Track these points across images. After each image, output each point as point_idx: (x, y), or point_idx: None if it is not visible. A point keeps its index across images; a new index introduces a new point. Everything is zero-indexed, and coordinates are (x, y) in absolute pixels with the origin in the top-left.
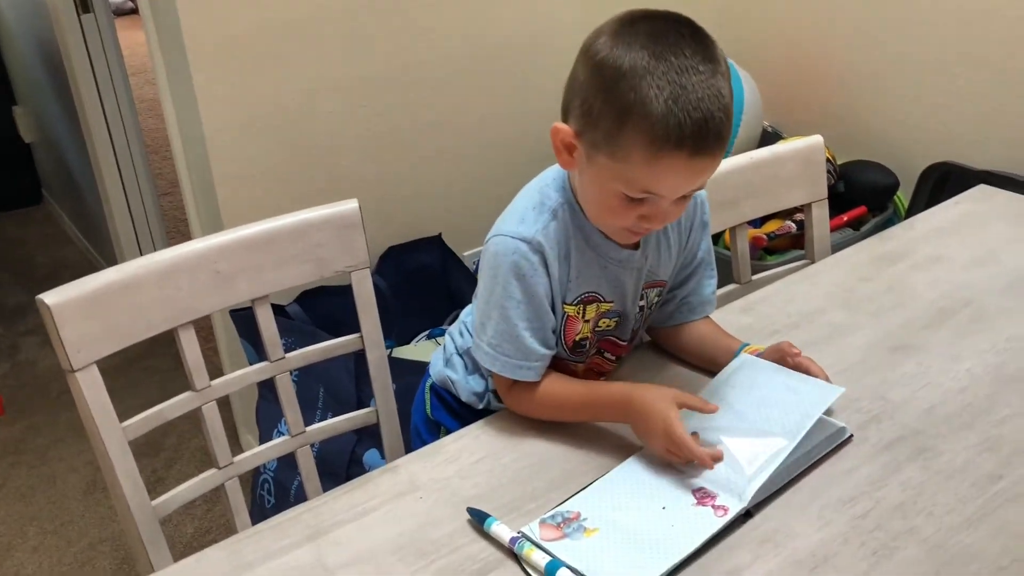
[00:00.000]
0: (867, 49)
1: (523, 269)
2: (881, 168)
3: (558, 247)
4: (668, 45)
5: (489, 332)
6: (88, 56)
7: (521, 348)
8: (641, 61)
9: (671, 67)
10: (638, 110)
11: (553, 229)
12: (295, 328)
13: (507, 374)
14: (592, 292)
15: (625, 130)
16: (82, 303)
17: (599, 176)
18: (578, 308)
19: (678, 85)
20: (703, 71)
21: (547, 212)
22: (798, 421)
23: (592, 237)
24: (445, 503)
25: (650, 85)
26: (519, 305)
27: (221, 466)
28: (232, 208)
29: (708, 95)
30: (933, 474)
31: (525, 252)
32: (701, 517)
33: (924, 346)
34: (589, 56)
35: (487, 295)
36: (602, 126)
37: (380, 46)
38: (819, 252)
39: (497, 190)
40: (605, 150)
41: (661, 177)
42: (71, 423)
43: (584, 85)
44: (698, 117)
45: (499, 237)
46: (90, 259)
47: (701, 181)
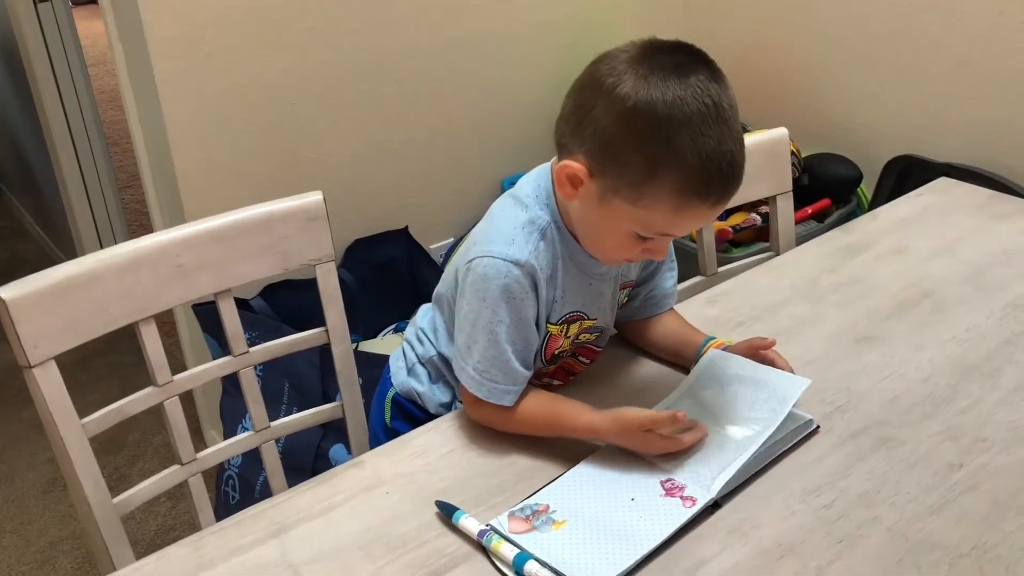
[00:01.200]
0: (831, 43)
1: (515, 293)
2: (845, 161)
3: (547, 268)
4: (700, 91)
5: (475, 356)
6: (46, 46)
7: (509, 373)
8: (675, 110)
9: (704, 117)
10: (671, 162)
11: (543, 249)
12: (259, 322)
13: (494, 400)
14: (577, 311)
15: (655, 180)
16: (39, 297)
17: (611, 216)
18: (562, 327)
19: (712, 137)
20: (729, 118)
21: (536, 232)
22: (767, 415)
23: (577, 255)
24: (412, 497)
25: (684, 138)
26: (508, 330)
27: (184, 462)
28: (194, 201)
29: (735, 147)
30: (896, 463)
31: (518, 276)
32: (669, 508)
33: (887, 337)
34: (615, 98)
35: (473, 318)
36: (628, 173)
37: (345, 38)
38: (784, 244)
39: (463, 183)
40: (627, 196)
41: (682, 223)
42: (29, 420)
43: (609, 128)
44: (728, 171)
45: (489, 259)
46: (49, 253)
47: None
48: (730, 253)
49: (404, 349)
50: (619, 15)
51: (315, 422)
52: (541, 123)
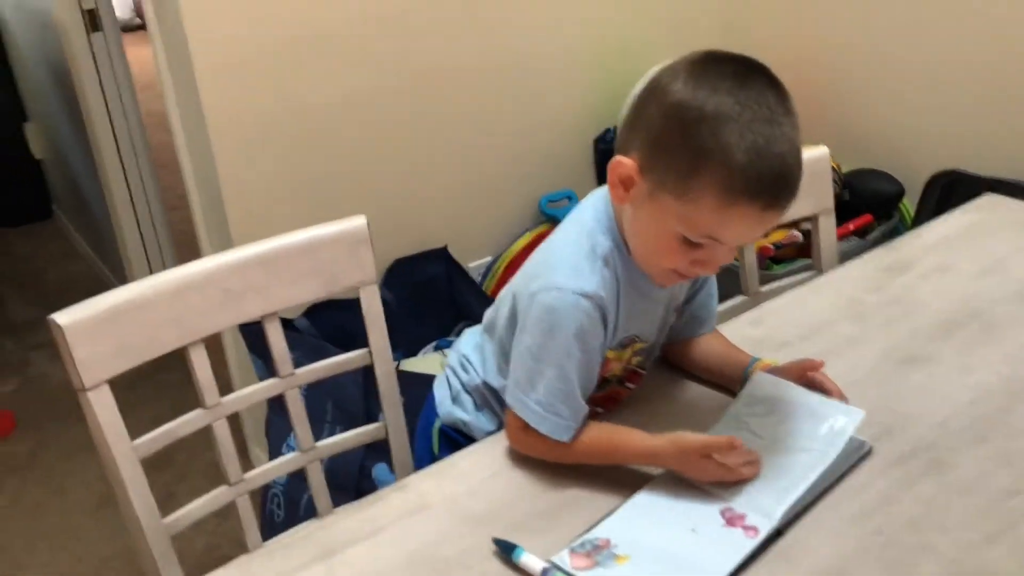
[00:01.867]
0: (870, 56)
1: (586, 327)
2: (886, 176)
3: (612, 296)
4: (753, 93)
5: (540, 390)
6: (97, 73)
7: (574, 408)
8: (724, 106)
9: (755, 116)
10: (718, 156)
11: (608, 277)
12: (303, 342)
13: (556, 435)
14: (633, 335)
15: (700, 173)
16: (93, 322)
17: (660, 215)
18: (618, 352)
19: (761, 136)
20: (784, 123)
21: (600, 260)
22: (822, 446)
23: (636, 279)
24: (457, 521)
25: (732, 132)
26: (578, 364)
27: (232, 483)
28: (240, 222)
29: (789, 149)
30: (947, 488)
31: (588, 309)
32: (732, 538)
33: (934, 357)
34: (666, 94)
35: (538, 351)
36: (675, 166)
37: (386, 60)
38: (826, 263)
39: (502, 202)
40: (673, 190)
41: (729, 225)
42: (82, 438)
43: (658, 123)
44: (778, 171)
45: (556, 292)
46: (99, 274)
47: (765, 231)
48: (771, 270)
49: (448, 376)
50: (656, 32)
51: (359, 442)
52: (576, 143)
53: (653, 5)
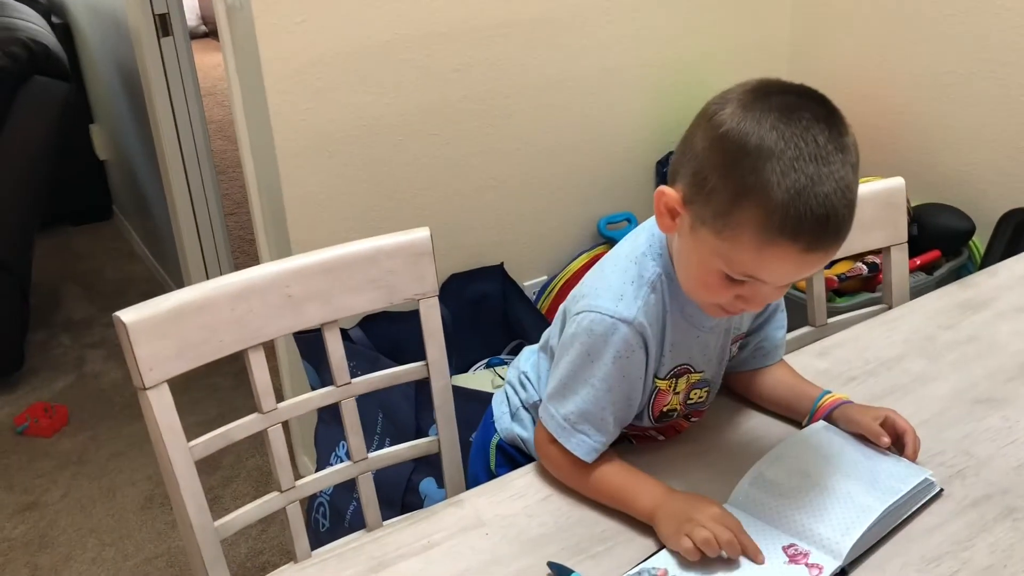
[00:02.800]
0: (944, 90)
1: (623, 353)
2: (956, 212)
3: (656, 324)
4: (801, 128)
5: (569, 406)
6: (165, 78)
7: (602, 430)
8: (768, 141)
9: (801, 153)
10: (757, 193)
11: (652, 303)
12: (357, 353)
13: (579, 453)
14: (684, 364)
15: (739, 211)
16: (157, 322)
17: (700, 250)
18: (670, 382)
19: (805, 175)
20: (834, 161)
21: (646, 286)
22: (891, 481)
23: (687, 307)
24: (511, 540)
25: (774, 170)
26: (611, 389)
27: (283, 490)
28: (300, 230)
29: (836, 189)
30: (1022, 536)
31: (626, 335)
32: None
33: (1010, 400)
34: (712, 125)
35: (574, 369)
36: (714, 201)
37: (451, 77)
38: (897, 297)
39: (559, 222)
40: (712, 226)
41: (768, 265)
42: (133, 436)
43: (701, 155)
44: (821, 213)
45: (596, 315)
46: (156, 276)
47: (810, 273)
48: (834, 303)
49: (507, 393)
50: (721, 58)
51: (412, 455)
52: (638, 165)
53: (720, 27)
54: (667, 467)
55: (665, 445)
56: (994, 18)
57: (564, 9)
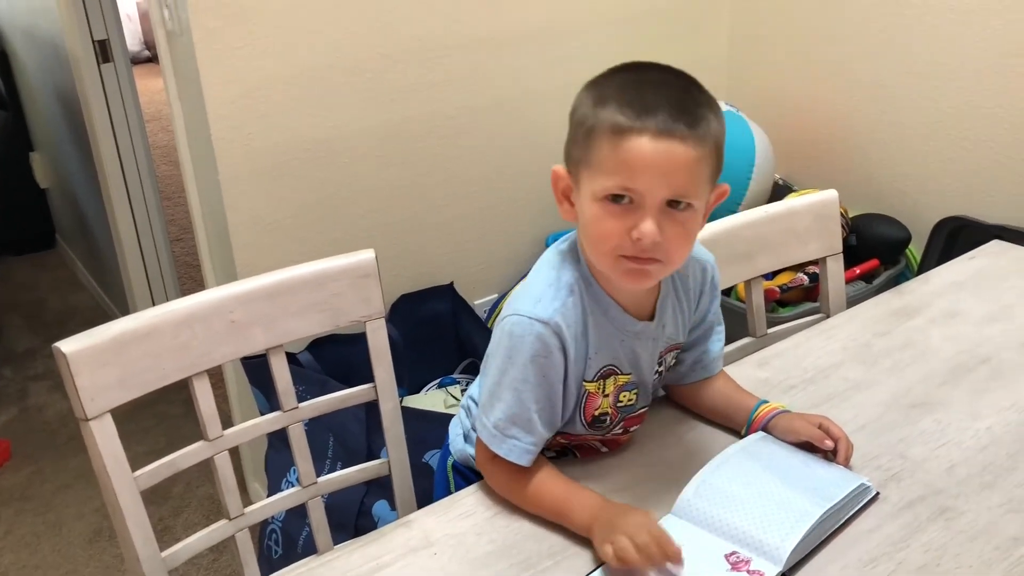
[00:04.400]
0: (878, 102)
1: (540, 352)
2: (893, 222)
3: (576, 325)
4: (634, 69)
5: (498, 413)
6: (107, 104)
7: (531, 432)
8: (611, 88)
9: (631, 72)
10: (600, 105)
11: (571, 306)
12: (306, 376)
13: (512, 458)
14: (610, 365)
15: (594, 131)
16: (98, 351)
17: (586, 195)
18: (598, 384)
19: (635, 78)
20: (663, 67)
21: (564, 289)
22: (826, 492)
23: (610, 310)
24: (460, 560)
25: (610, 86)
26: (534, 389)
27: (232, 517)
28: (246, 254)
29: (670, 79)
30: (955, 535)
31: (543, 335)
32: None
33: (943, 403)
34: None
35: (499, 375)
36: (578, 141)
37: (395, 98)
38: (834, 306)
39: (508, 240)
40: (583, 160)
41: (632, 162)
42: (79, 469)
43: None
44: (662, 95)
45: (516, 317)
46: (101, 304)
47: (677, 176)
48: (776, 313)
49: (461, 415)
50: None
51: (362, 479)
52: None
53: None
54: (610, 478)
55: (608, 456)
56: (923, 34)
57: (507, 31)
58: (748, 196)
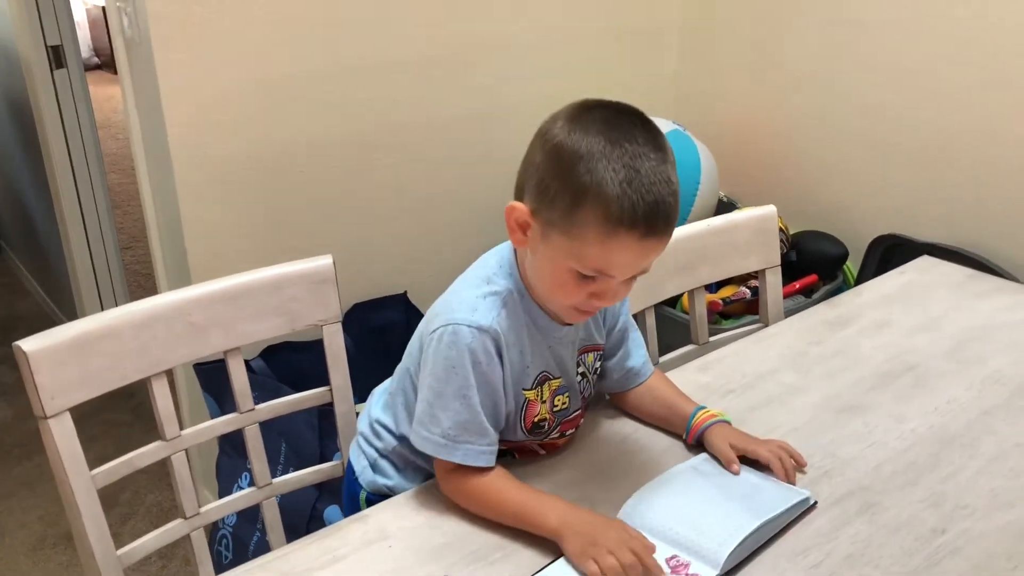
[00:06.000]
0: (818, 125)
1: (480, 357)
2: (831, 239)
3: (511, 334)
4: (622, 132)
5: (445, 424)
6: (59, 111)
7: (483, 434)
8: (597, 145)
9: (625, 152)
10: (594, 191)
11: (505, 317)
12: (259, 383)
13: (470, 461)
14: (544, 371)
15: (581, 209)
16: (58, 350)
17: (553, 254)
18: (536, 391)
19: (632, 169)
20: (653, 158)
21: (499, 300)
22: (766, 503)
23: (539, 320)
24: (415, 551)
25: (606, 168)
26: (478, 393)
27: (187, 516)
28: (200, 263)
29: (659, 180)
30: (880, 528)
31: (484, 341)
32: None
33: (871, 406)
34: (546, 140)
35: (440, 387)
36: (559, 205)
37: (352, 107)
38: (772, 316)
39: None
40: (560, 228)
41: (613, 256)
42: (22, 476)
43: (541, 167)
44: (651, 200)
45: (454, 327)
46: (47, 311)
47: (649, 261)
48: (720, 325)
49: (361, 447)
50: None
51: (316, 480)
52: None
53: (612, 64)
54: (554, 477)
55: (552, 456)
56: (861, 61)
57: (462, 48)
58: (693, 212)
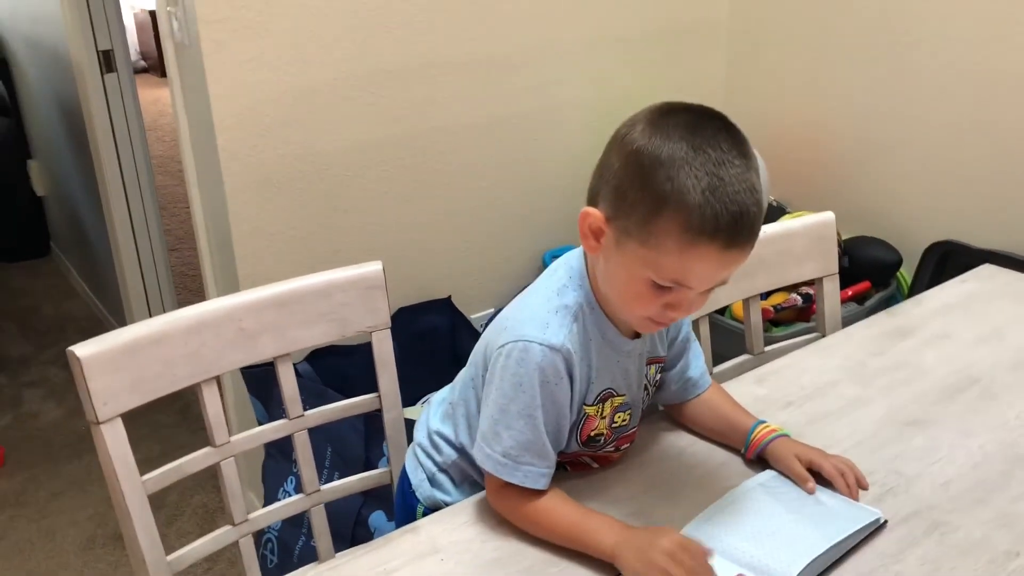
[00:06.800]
0: (870, 127)
1: (551, 378)
2: (884, 244)
3: (581, 351)
4: (706, 137)
5: (507, 442)
6: (109, 114)
7: (544, 455)
8: (679, 151)
9: (709, 159)
10: (675, 199)
11: (576, 332)
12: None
13: (528, 484)
14: (608, 388)
15: (660, 218)
16: (111, 356)
17: (628, 262)
18: (597, 407)
19: (715, 177)
20: (738, 165)
21: (570, 316)
22: (837, 524)
23: (607, 333)
24: (466, 565)
25: (688, 175)
26: (544, 414)
27: (236, 523)
28: (248, 265)
29: (744, 188)
30: (949, 549)
31: (555, 361)
32: None
33: (936, 421)
34: (625, 144)
35: (505, 403)
36: (637, 213)
37: (399, 113)
38: (830, 326)
39: (506, 255)
40: (637, 236)
41: (692, 266)
42: (73, 476)
43: (619, 172)
44: (734, 210)
45: (524, 343)
46: (96, 313)
47: (730, 272)
48: (771, 332)
49: (418, 458)
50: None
51: (363, 487)
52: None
53: (657, 67)
54: (611, 492)
55: (607, 470)
56: (918, 60)
57: (509, 50)
58: None
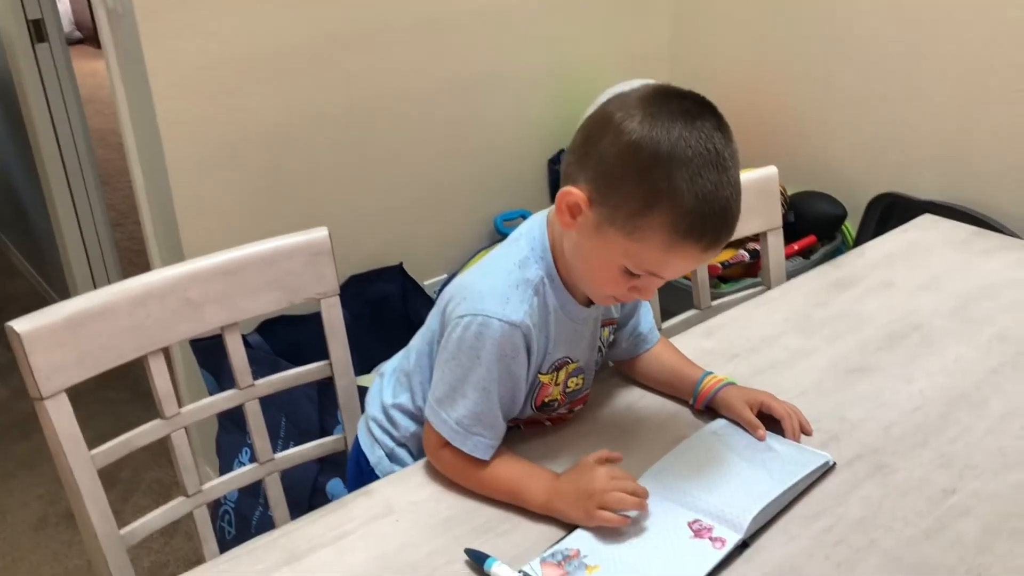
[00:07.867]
0: (815, 84)
1: (508, 352)
2: (829, 199)
3: (540, 324)
4: (704, 137)
5: (460, 411)
6: (43, 86)
7: (495, 428)
8: (678, 150)
9: (705, 161)
10: (669, 199)
11: (536, 306)
12: (257, 358)
13: (477, 454)
14: (564, 357)
15: (651, 215)
16: (52, 330)
17: (605, 248)
18: (552, 375)
19: (709, 180)
20: (729, 168)
21: (531, 289)
22: (787, 469)
23: (567, 305)
24: (421, 525)
25: (683, 177)
26: (499, 387)
27: (190, 494)
28: (193, 238)
29: (732, 192)
30: (891, 490)
31: (513, 337)
32: (700, 549)
33: (878, 368)
34: (621, 132)
35: (462, 373)
36: (627, 205)
37: (341, 78)
38: (775, 279)
39: (457, 220)
40: (623, 228)
41: (672, 262)
42: (21, 456)
43: (612, 160)
44: (722, 215)
45: (483, 318)
46: (39, 291)
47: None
48: (719, 288)
49: (374, 435)
50: (609, 57)
51: (318, 454)
52: (531, 164)
53: (605, 30)
54: (568, 448)
55: (564, 428)
56: (859, 17)
57: (455, 14)
58: None
